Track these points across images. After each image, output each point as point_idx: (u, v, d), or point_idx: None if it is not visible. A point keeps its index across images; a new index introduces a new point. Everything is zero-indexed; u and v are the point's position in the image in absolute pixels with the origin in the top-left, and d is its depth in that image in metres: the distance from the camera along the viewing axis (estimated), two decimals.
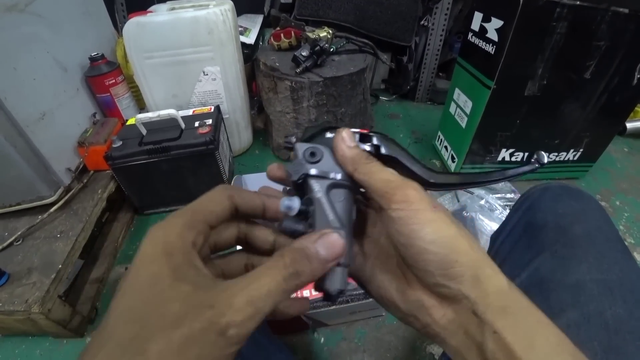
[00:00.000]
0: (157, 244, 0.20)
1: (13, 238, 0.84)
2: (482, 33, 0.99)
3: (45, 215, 0.87)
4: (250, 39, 1.33)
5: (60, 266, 0.78)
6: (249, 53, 1.31)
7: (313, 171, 0.26)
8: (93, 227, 0.90)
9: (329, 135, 0.28)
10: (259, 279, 0.19)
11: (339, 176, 0.26)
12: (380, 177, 0.24)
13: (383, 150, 0.28)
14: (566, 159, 1.15)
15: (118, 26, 1.38)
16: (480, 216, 0.95)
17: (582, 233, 0.40)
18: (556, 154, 1.13)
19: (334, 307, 0.70)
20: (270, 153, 1.31)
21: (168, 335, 0.16)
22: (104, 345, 0.17)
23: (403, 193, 0.22)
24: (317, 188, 0.26)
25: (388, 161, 0.28)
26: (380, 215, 0.26)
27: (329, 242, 0.21)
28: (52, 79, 0.94)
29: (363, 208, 0.30)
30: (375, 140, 0.29)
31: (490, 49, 0.95)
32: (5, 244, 0.83)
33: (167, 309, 0.17)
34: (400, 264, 0.26)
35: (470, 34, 1.06)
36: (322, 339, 0.77)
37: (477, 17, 1.02)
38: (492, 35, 0.94)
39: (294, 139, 0.28)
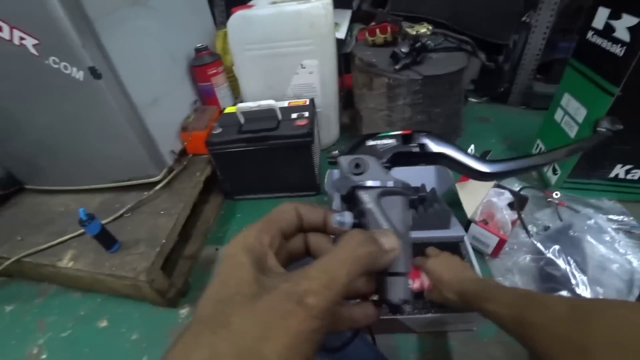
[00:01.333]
0: (238, 244, 0.21)
1: (124, 209, 0.93)
2: (607, 32, 0.89)
3: (151, 192, 0.95)
4: (340, 33, 1.33)
5: (164, 241, 0.85)
6: (338, 47, 1.30)
7: (364, 184, 0.26)
8: (191, 207, 0.96)
9: (371, 143, 0.29)
10: (331, 254, 0.20)
11: (389, 183, 0.26)
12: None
13: (431, 148, 0.29)
14: None
15: (216, 20, 1.45)
16: (589, 238, 0.85)
17: None
18: None
19: (427, 315, 0.68)
20: None
21: (249, 308, 0.17)
22: (190, 326, 0.18)
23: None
24: (367, 199, 0.25)
25: (438, 158, 0.28)
26: None
27: (386, 234, 0.23)
28: (164, 68, 1.01)
29: None
30: (421, 139, 0.29)
31: (618, 50, 0.85)
32: (117, 215, 0.92)
33: (247, 289, 0.18)
34: None
35: (590, 33, 0.95)
36: (409, 346, 0.74)
37: (602, 13, 0.91)
38: (622, 34, 0.84)
39: (337, 152, 0.29)
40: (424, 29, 1.04)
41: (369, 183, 0.26)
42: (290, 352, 0.16)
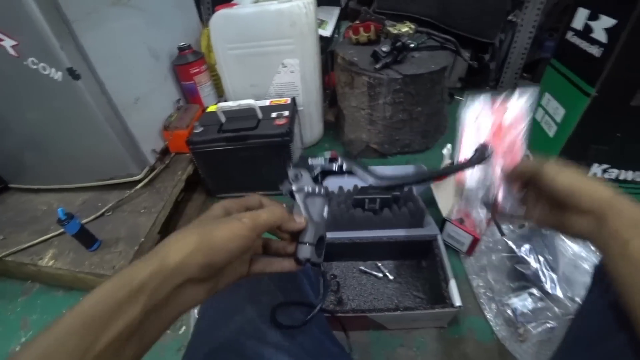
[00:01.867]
0: (218, 206, 0.35)
1: (105, 209, 0.94)
2: (586, 32, 0.89)
3: (132, 191, 0.96)
4: (326, 31, 1.33)
5: (142, 239, 0.86)
6: (323, 45, 1.31)
7: (294, 188, 0.42)
8: (172, 205, 0.97)
9: (310, 161, 0.45)
10: (263, 208, 0.36)
11: (309, 189, 0.41)
12: (528, 166, 0.41)
13: (344, 167, 0.45)
14: None
15: (203, 17, 1.45)
16: (562, 236, 0.86)
17: None
18: None
19: (397, 312, 0.69)
20: (340, 147, 1.30)
21: (214, 221, 0.31)
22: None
23: (541, 170, 0.38)
24: (297, 197, 0.41)
25: (348, 172, 0.45)
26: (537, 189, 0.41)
27: (299, 215, 0.38)
28: (146, 67, 1.02)
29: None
30: (339, 160, 0.45)
31: (595, 51, 0.85)
32: (98, 214, 0.93)
33: (216, 218, 0.33)
34: (555, 206, 0.39)
35: (569, 33, 0.96)
36: (381, 342, 0.76)
37: (582, 13, 0.91)
38: (600, 35, 0.84)
39: (290, 166, 0.44)
40: (405, 28, 1.04)
41: (296, 187, 0.42)
42: (227, 239, 0.30)
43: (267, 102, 1.06)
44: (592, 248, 0.36)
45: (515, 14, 1.40)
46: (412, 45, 1.01)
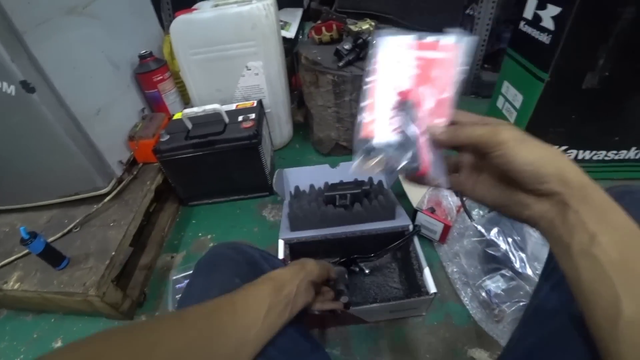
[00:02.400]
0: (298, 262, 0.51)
1: (72, 225, 0.91)
2: (536, 21, 0.93)
3: (100, 204, 0.93)
4: (290, 33, 1.33)
5: (113, 253, 0.83)
6: (288, 47, 1.31)
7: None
8: (142, 216, 0.95)
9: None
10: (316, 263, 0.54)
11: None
12: (475, 134, 0.31)
13: None
14: (626, 157, 1.06)
15: (164, 24, 1.43)
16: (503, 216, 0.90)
17: None
18: (615, 152, 1.04)
19: (374, 305, 0.70)
20: (310, 147, 1.31)
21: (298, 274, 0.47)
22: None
23: (496, 140, 0.30)
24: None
25: None
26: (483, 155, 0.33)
27: (332, 269, 0.59)
28: (106, 77, 0.99)
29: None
30: None
31: (545, 38, 0.90)
32: (65, 231, 0.90)
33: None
34: (504, 181, 0.33)
35: (522, 23, 1.00)
36: (361, 336, 0.76)
37: (531, 4, 0.96)
38: (548, 23, 0.88)
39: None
40: (366, 25, 1.06)
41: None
42: (300, 288, 0.45)
43: (233, 106, 1.05)
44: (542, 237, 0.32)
45: (473, 8, 1.44)
46: (373, 42, 1.02)
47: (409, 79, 0.37)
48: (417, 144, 0.35)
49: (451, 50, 0.36)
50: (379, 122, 0.37)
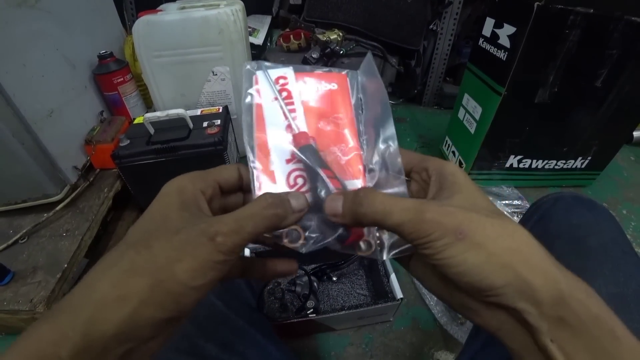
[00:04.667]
0: (173, 184, 0.25)
1: (18, 236, 0.84)
2: (493, 39, 0.99)
3: (51, 213, 0.87)
4: (258, 39, 1.33)
5: (66, 265, 0.78)
6: (256, 54, 1.30)
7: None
8: (99, 226, 0.89)
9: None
10: (245, 208, 0.23)
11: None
12: (391, 221, 0.22)
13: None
14: (574, 166, 1.14)
15: (127, 24, 1.37)
16: None
17: (597, 245, 0.39)
18: (564, 161, 1.13)
19: (342, 312, 0.70)
20: None
21: (169, 238, 0.21)
22: (117, 247, 0.21)
23: (421, 229, 0.21)
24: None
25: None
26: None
27: (297, 196, 0.25)
28: (61, 76, 0.93)
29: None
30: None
31: (501, 55, 0.95)
32: (10, 242, 0.83)
33: (171, 224, 0.22)
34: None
35: (481, 40, 1.06)
36: (330, 344, 0.76)
37: (489, 23, 1.01)
38: (504, 41, 0.94)
39: None
40: (334, 35, 1.08)
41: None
42: (196, 273, 0.20)
43: (198, 112, 1.02)
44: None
45: (436, 24, 1.51)
46: (341, 52, 1.04)
47: (300, 118, 0.29)
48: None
49: (339, 80, 0.31)
50: (280, 184, 0.28)
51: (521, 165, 1.13)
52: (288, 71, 0.31)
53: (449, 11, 1.47)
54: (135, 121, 1.00)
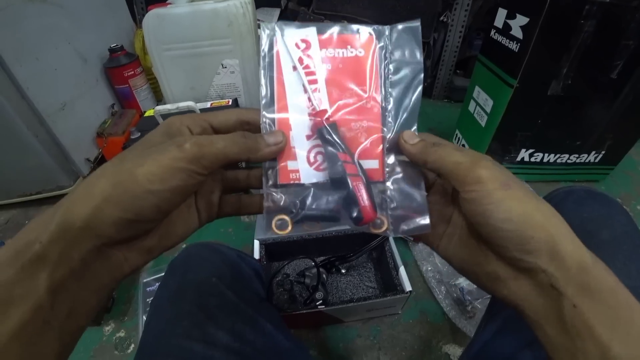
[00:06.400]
0: (161, 126, 0.25)
1: None
2: (505, 30, 0.97)
3: None
4: None
5: None
6: None
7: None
8: None
9: None
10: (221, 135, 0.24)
11: None
12: (450, 160, 0.24)
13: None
14: (587, 161, 1.12)
15: (137, 18, 1.38)
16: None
17: (609, 238, 0.39)
18: (577, 155, 1.11)
19: (350, 304, 0.70)
20: None
21: (142, 149, 0.22)
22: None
23: (474, 175, 0.22)
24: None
25: None
26: (454, 194, 0.27)
27: (275, 134, 0.26)
28: (73, 70, 0.95)
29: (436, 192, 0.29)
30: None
31: (514, 46, 0.93)
32: None
33: (149, 143, 0.23)
34: (475, 238, 0.25)
35: (492, 31, 1.04)
36: (338, 336, 0.76)
37: (501, 13, 0.99)
38: (517, 32, 0.92)
39: None
40: None
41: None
42: (154, 177, 0.21)
43: (207, 105, 1.03)
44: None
45: (447, 15, 1.49)
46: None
47: (322, 91, 0.27)
48: (350, 182, 0.26)
49: (366, 45, 0.28)
50: (301, 161, 0.27)
51: (532, 160, 1.11)
52: (310, 33, 0.28)
53: (460, 2, 1.44)
54: (146, 114, 1.01)
